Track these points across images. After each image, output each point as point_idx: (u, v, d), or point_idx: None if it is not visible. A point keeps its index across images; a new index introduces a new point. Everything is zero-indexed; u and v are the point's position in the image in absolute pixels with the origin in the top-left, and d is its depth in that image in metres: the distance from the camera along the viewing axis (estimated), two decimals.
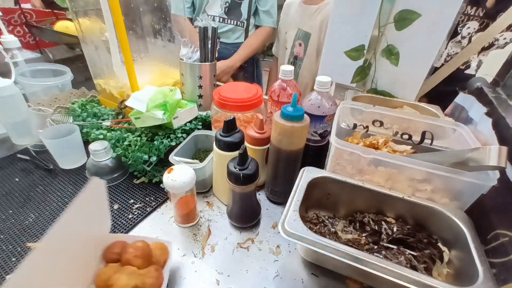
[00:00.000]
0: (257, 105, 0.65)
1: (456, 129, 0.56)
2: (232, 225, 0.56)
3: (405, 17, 0.65)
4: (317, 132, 0.60)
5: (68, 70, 0.95)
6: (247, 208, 0.54)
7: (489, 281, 0.35)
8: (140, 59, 0.79)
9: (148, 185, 0.65)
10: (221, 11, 1.20)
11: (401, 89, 0.74)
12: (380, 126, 0.61)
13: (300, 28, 1.12)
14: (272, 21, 1.28)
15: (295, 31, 1.14)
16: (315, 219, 0.53)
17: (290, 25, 1.17)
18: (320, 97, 0.57)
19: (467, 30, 0.73)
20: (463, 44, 0.74)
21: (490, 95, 0.58)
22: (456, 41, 0.74)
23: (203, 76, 0.74)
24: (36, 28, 1.20)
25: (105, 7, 0.63)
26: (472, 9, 0.72)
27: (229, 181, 0.49)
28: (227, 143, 0.52)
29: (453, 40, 0.75)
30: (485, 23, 0.71)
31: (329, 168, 0.53)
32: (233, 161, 0.49)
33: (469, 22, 0.73)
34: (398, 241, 0.47)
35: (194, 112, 0.73)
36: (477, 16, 0.72)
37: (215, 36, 0.73)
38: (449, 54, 0.76)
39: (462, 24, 0.73)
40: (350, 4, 0.70)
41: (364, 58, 0.74)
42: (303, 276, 0.47)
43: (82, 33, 0.77)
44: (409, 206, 0.48)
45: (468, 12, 0.73)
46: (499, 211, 0.45)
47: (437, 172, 0.44)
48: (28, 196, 0.61)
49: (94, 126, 0.72)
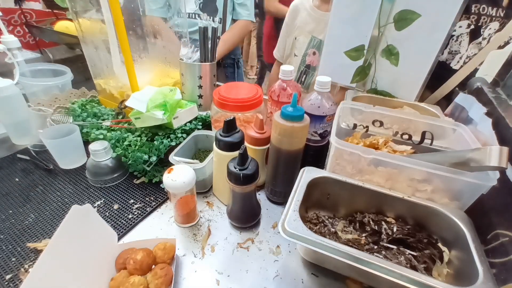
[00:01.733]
0: (257, 105, 0.65)
1: (456, 129, 0.56)
2: (232, 225, 0.56)
3: (405, 17, 0.65)
4: (317, 132, 0.60)
5: (68, 70, 0.95)
6: (247, 208, 0.54)
7: (489, 281, 0.35)
8: (140, 59, 0.79)
9: (148, 185, 0.65)
10: (195, 7, 1.17)
11: (401, 89, 0.74)
12: (380, 126, 0.61)
13: (314, 36, 1.04)
14: (248, 13, 1.26)
15: (308, 38, 1.06)
16: (315, 219, 0.53)
17: (301, 30, 1.08)
18: (320, 97, 0.57)
19: (488, 31, 0.72)
20: (482, 45, 0.73)
21: (490, 95, 0.58)
22: (477, 42, 0.74)
23: (203, 76, 0.74)
24: (36, 28, 1.20)
25: (105, 7, 0.63)
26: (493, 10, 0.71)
27: (229, 181, 0.49)
28: (227, 143, 0.52)
29: (474, 42, 0.74)
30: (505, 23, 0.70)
31: (329, 168, 0.53)
32: (233, 161, 0.49)
33: (491, 23, 0.72)
34: (398, 241, 0.47)
35: (194, 112, 0.73)
36: (498, 16, 0.71)
37: (215, 36, 0.73)
38: (468, 56, 0.75)
39: (485, 26, 0.72)
40: (350, 4, 0.70)
41: (364, 58, 0.74)
42: (303, 276, 0.47)
43: (82, 33, 0.78)
44: (409, 206, 0.48)
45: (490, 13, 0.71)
46: (499, 211, 0.45)
47: (437, 172, 0.44)
48: (28, 196, 0.61)
49: (94, 126, 0.72)
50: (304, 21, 1.06)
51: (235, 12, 1.26)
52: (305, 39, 1.07)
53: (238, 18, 1.27)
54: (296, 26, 1.10)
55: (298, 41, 1.10)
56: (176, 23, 0.70)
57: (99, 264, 0.43)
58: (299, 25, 1.09)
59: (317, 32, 1.04)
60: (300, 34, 1.09)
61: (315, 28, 1.04)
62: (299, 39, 1.09)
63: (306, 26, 1.06)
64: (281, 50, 1.21)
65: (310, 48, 1.07)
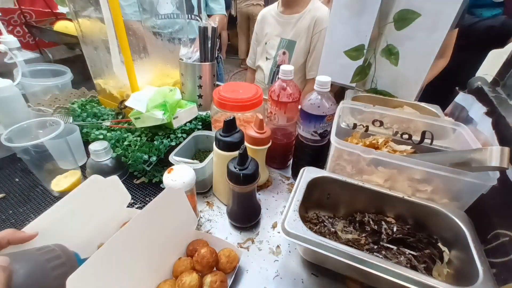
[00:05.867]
0: (257, 105, 0.65)
1: (456, 129, 0.56)
2: (232, 225, 0.56)
3: (405, 17, 0.65)
4: (317, 132, 0.60)
5: (68, 70, 0.95)
6: (247, 208, 0.54)
7: (489, 281, 0.35)
8: (140, 59, 0.79)
9: (148, 185, 0.65)
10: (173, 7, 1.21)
11: (401, 89, 0.74)
12: (380, 126, 0.61)
13: (282, 38, 1.16)
14: (220, 7, 1.32)
15: (277, 41, 1.17)
16: (315, 219, 0.53)
17: (271, 35, 1.19)
18: (320, 97, 0.57)
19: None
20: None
21: (490, 95, 0.58)
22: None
23: (203, 76, 0.74)
24: (36, 28, 1.20)
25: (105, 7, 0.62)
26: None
27: (229, 181, 0.49)
28: (226, 143, 0.52)
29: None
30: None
31: (329, 168, 0.53)
32: (233, 161, 0.49)
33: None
34: (398, 241, 0.47)
35: (194, 112, 0.73)
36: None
37: (215, 36, 0.73)
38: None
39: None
40: (350, 4, 0.70)
41: (364, 58, 0.74)
42: (303, 276, 0.47)
43: (82, 33, 0.77)
44: (409, 206, 0.48)
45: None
46: (499, 211, 0.45)
47: (437, 172, 0.44)
48: (28, 196, 0.61)
49: (94, 126, 0.72)
50: (273, 27, 1.19)
51: (208, 8, 1.32)
52: (274, 43, 1.19)
53: (212, 13, 1.32)
54: (265, 32, 1.22)
55: (268, 46, 1.21)
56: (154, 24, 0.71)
57: (175, 242, 0.46)
58: (268, 31, 1.21)
59: (285, 34, 1.15)
60: (270, 39, 1.20)
61: (282, 31, 1.16)
62: (269, 43, 1.21)
63: (275, 30, 1.18)
64: (253, 58, 1.33)
65: (280, 49, 1.18)
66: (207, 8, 1.32)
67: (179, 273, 0.42)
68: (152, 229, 0.41)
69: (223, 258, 0.45)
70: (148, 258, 0.41)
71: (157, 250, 0.42)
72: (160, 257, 0.43)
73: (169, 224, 0.44)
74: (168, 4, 1.12)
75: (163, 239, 0.43)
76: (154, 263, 0.42)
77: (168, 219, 0.44)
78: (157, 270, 0.42)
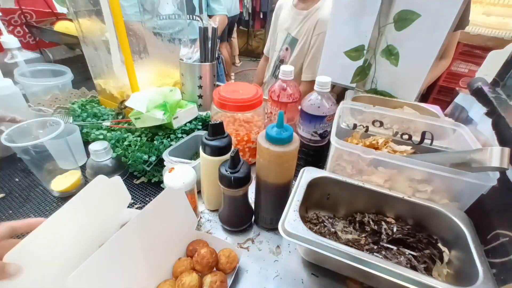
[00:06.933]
0: (257, 105, 0.65)
1: (456, 129, 0.56)
2: (224, 228, 0.56)
3: (405, 17, 0.65)
4: (317, 132, 0.60)
5: (68, 70, 0.95)
6: (238, 211, 0.53)
7: (489, 281, 0.35)
8: (140, 59, 0.79)
9: (148, 185, 0.65)
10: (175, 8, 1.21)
11: (401, 89, 0.74)
12: (380, 126, 0.61)
13: (289, 33, 1.13)
14: (222, 8, 1.32)
15: (284, 35, 1.15)
16: (315, 219, 0.53)
17: (281, 27, 1.16)
18: (320, 97, 0.57)
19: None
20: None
21: (490, 95, 0.58)
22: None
23: (203, 76, 0.75)
24: (36, 28, 1.20)
25: (105, 7, 0.63)
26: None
27: (221, 184, 0.48)
28: (211, 146, 0.49)
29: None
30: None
31: (329, 168, 0.53)
32: (224, 164, 0.47)
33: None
34: (398, 241, 0.47)
35: (194, 112, 0.73)
36: None
37: (215, 36, 0.73)
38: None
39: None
40: (350, 4, 0.70)
41: (364, 58, 0.74)
42: (303, 276, 0.47)
43: (82, 34, 0.77)
44: (409, 206, 0.48)
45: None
46: (499, 211, 0.45)
47: (437, 173, 0.44)
48: (28, 196, 0.61)
49: (94, 126, 0.72)
50: (284, 19, 1.15)
51: (209, 8, 1.32)
52: (282, 36, 1.16)
53: (213, 13, 1.33)
54: (278, 23, 1.18)
55: (278, 37, 1.18)
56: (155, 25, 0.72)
57: (175, 243, 0.46)
58: (280, 22, 1.17)
59: (291, 29, 1.11)
60: (280, 31, 1.17)
61: (290, 25, 1.12)
62: (278, 35, 1.18)
63: (284, 23, 1.14)
64: (267, 46, 1.30)
65: (284, 44, 1.15)
66: (208, 9, 1.32)
67: (179, 273, 0.42)
68: (152, 229, 0.41)
69: (223, 258, 0.45)
70: (148, 258, 0.41)
71: (157, 250, 0.42)
72: (160, 257, 0.43)
73: (169, 224, 0.44)
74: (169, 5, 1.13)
75: (163, 239, 0.43)
76: (154, 263, 0.42)
77: (168, 219, 0.44)
78: (157, 270, 0.43)
